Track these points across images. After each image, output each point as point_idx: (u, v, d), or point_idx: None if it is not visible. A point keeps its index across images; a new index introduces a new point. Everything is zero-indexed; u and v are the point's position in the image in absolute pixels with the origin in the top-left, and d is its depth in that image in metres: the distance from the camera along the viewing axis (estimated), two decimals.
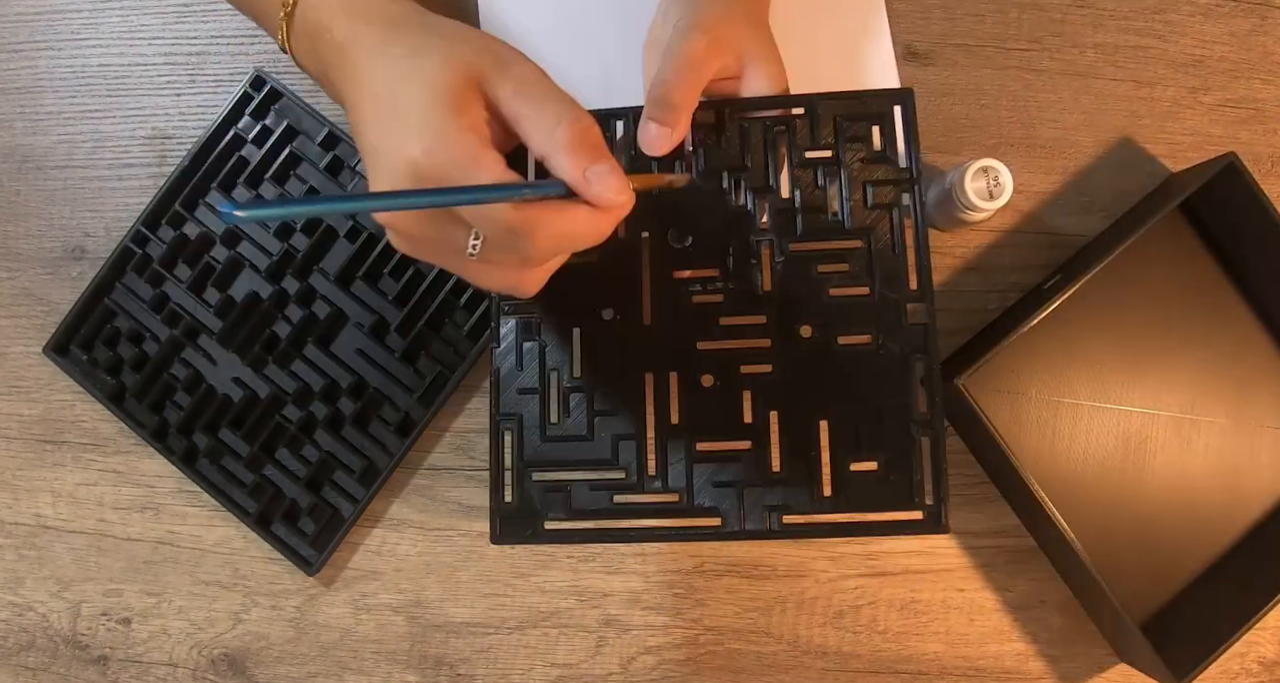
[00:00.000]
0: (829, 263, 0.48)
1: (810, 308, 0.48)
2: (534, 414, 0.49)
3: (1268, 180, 0.64)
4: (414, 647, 0.63)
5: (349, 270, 0.63)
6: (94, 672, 0.64)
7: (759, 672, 0.63)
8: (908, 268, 0.48)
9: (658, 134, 0.48)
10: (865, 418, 0.47)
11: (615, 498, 0.48)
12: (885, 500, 0.46)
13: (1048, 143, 0.64)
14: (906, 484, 0.46)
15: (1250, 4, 0.65)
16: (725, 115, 0.50)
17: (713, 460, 0.48)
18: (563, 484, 0.48)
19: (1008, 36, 0.65)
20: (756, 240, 0.49)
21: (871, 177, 0.49)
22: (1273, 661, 0.63)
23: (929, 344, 0.47)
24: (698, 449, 0.48)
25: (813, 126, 0.49)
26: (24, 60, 0.67)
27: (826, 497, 0.47)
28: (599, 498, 0.48)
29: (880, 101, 0.49)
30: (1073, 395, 0.64)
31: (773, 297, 0.48)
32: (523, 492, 0.48)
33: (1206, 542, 0.63)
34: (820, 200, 0.49)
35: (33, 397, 0.65)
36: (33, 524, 0.65)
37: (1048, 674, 0.63)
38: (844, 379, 0.47)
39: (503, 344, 0.50)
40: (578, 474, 0.48)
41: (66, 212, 0.66)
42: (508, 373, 0.49)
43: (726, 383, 0.48)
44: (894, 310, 0.48)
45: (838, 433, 0.47)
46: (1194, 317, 0.64)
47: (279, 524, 0.63)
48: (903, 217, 0.48)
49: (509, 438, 0.49)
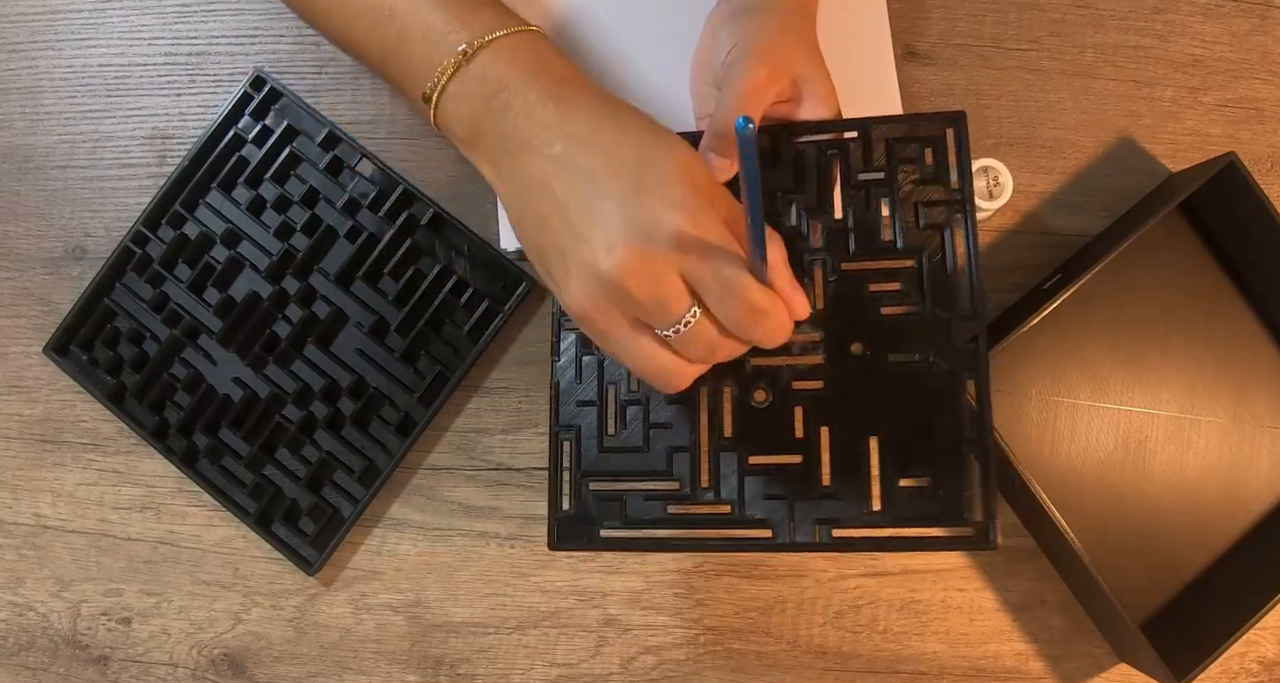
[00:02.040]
0: (880, 282, 0.49)
1: (861, 326, 0.49)
2: (591, 426, 0.50)
3: (1268, 180, 0.64)
4: (414, 647, 0.63)
5: (349, 270, 0.63)
6: (94, 672, 0.64)
7: (759, 672, 0.63)
8: (959, 287, 0.49)
9: (719, 166, 0.49)
10: (915, 435, 0.47)
11: (669, 508, 0.49)
12: (934, 516, 0.47)
13: (1048, 143, 0.64)
14: (956, 500, 0.47)
15: (1250, 4, 0.65)
16: (780, 139, 0.51)
17: (764, 473, 0.48)
18: (618, 494, 0.49)
19: (1007, 36, 0.65)
20: (809, 259, 0.50)
21: (924, 197, 0.50)
22: (1273, 661, 0.63)
23: (980, 363, 0.48)
24: (749, 462, 0.48)
25: (865, 149, 0.50)
26: (24, 60, 0.67)
27: (876, 511, 0.47)
28: (653, 508, 0.49)
29: (932, 124, 0.50)
30: (1073, 395, 0.64)
31: (825, 314, 0.49)
32: (580, 500, 0.49)
33: (1206, 542, 0.63)
34: (872, 221, 0.50)
35: (33, 397, 0.65)
36: (33, 524, 0.65)
37: (1048, 674, 0.63)
38: (894, 396, 0.48)
39: (562, 358, 0.51)
40: (633, 484, 0.49)
41: (66, 212, 0.66)
42: (567, 386, 0.51)
43: (778, 398, 0.49)
44: (945, 329, 0.48)
45: (888, 449, 0.48)
46: (1194, 317, 0.64)
47: (279, 524, 0.63)
48: (954, 236, 0.49)
49: (567, 448, 0.50)
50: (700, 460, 0.49)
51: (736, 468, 0.48)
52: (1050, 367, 0.63)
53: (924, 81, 0.64)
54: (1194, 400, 0.63)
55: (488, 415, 0.64)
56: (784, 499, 0.48)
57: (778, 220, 0.50)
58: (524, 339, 0.64)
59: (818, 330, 0.49)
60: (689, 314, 0.41)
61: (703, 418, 0.49)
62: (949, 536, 0.47)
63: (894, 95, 0.63)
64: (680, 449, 0.49)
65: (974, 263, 0.49)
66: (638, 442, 0.50)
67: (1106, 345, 0.63)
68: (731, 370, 0.49)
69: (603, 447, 0.50)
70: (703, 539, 0.49)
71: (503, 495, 0.64)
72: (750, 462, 0.48)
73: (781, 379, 0.49)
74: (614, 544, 0.50)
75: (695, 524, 0.48)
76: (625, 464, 0.49)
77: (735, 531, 0.48)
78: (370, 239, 0.63)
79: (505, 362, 0.64)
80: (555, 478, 0.50)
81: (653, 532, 0.49)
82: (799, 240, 0.50)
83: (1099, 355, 0.63)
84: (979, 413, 0.47)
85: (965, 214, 0.49)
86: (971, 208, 0.49)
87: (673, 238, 0.40)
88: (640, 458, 0.49)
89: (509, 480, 0.64)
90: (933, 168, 0.49)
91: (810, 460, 0.48)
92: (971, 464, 0.47)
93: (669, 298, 0.41)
